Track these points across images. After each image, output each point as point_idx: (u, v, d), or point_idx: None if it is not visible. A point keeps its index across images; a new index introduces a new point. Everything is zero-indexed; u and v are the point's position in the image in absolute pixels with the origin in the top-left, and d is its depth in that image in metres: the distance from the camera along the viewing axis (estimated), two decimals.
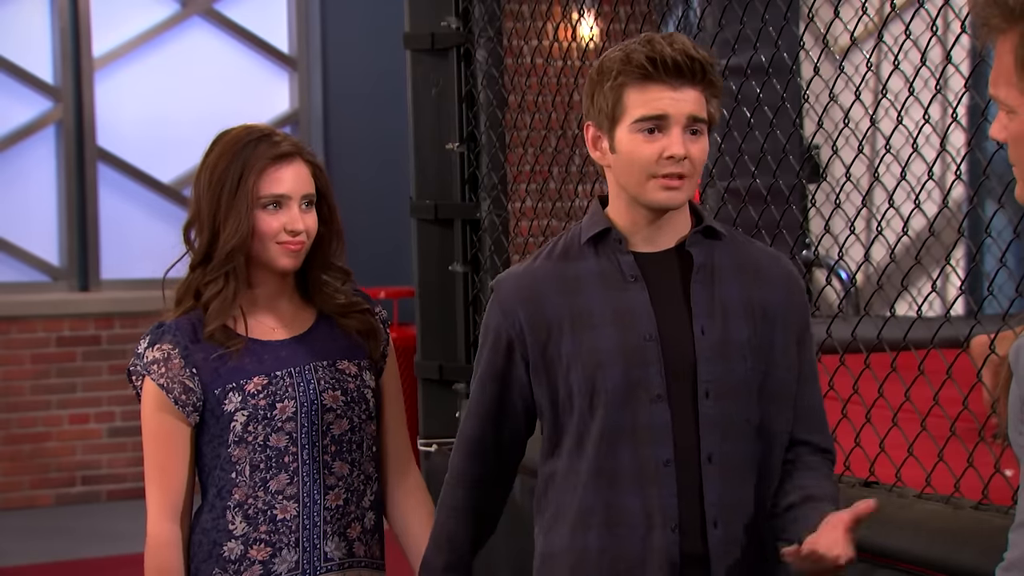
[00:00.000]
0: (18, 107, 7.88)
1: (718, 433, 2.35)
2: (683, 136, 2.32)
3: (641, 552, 2.35)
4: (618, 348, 2.35)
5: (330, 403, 2.69)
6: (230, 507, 2.65)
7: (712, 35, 3.98)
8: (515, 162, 4.62)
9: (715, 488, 2.35)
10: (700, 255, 2.39)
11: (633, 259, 2.39)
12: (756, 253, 2.45)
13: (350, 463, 2.71)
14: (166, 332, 2.66)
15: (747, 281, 2.40)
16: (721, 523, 2.35)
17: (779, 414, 2.41)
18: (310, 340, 2.72)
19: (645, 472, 2.35)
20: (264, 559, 2.65)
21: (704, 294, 2.38)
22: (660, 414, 2.35)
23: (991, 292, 3.12)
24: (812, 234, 6.26)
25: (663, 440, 2.34)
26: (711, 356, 2.35)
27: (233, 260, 2.63)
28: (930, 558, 2.95)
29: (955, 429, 3.08)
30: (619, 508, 2.36)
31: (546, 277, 2.42)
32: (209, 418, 2.66)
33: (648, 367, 2.35)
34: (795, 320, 2.43)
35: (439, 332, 4.76)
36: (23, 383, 7.64)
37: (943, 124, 6.46)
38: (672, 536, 2.34)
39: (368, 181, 8.32)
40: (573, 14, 4.57)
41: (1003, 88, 1.75)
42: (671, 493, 2.34)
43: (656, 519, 2.35)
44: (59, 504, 7.69)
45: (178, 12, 8.18)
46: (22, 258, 7.88)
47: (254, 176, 2.61)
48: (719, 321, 2.36)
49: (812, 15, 4.16)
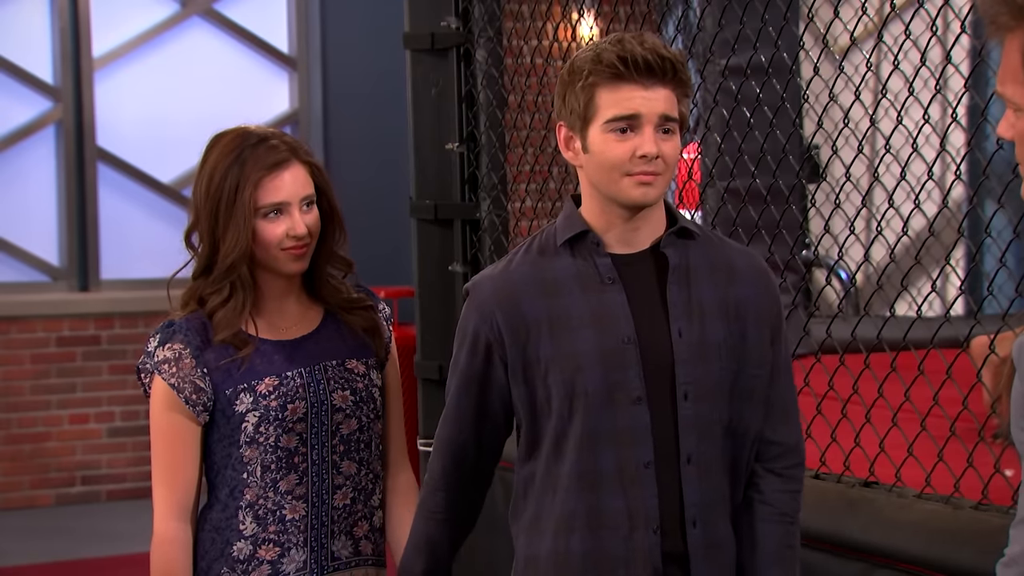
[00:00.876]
0: (18, 107, 7.87)
1: (696, 434, 2.36)
2: (655, 135, 2.32)
3: (624, 553, 2.36)
4: (597, 351, 2.35)
5: (340, 403, 2.69)
6: (241, 507, 2.66)
7: (712, 35, 3.98)
8: (515, 162, 4.62)
9: (694, 488, 2.36)
10: (675, 256, 2.39)
11: (610, 261, 2.39)
12: (728, 251, 2.45)
13: (358, 462, 2.72)
14: (177, 331, 2.66)
15: (721, 280, 2.40)
16: (700, 522, 2.37)
17: (750, 413, 2.41)
18: (318, 339, 2.72)
19: (627, 474, 2.35)
20: (273, 559, 2.66)
21: (681, 295, 2.38)
22: (640, 416, 2.35)
23: (991, 292, 3.12)
24: (812, 234, 6.26)
25: (644, 442, 2.35)
26: (689, 358, 2.36)
27: (235, 271, 2.62)
28: (930, 558, 2.96)
29: (955, 429, 3.08)
30: (602, 510, 2.37)
31: (523, 279, 2.41)
32: (219, 418, 2.66)
33: (627, 370, 2.35)
34: (767, 316, 2.43)
35: (439, 332, 4.76)
36: (23, 383, 7.64)
37: (943, 124, 6.46)
38: (654, 537, 2.35)
39: (368, 181, 8.32)
40: (573, 14, 4.57)
41: (1010, 86, 1.75)
42: (652, 494, 2.35)
43: (639, 520, 2.36)
44: (59, 504, 7.69)
45: (178, 12, 8.17)
46: (22, 258, 7.88)
47: (250, 188, 2.60)
48: (696, 322, 2.37)
49: (812, 15, 4.15)
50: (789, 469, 2.46)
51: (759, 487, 2.44)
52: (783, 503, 2.45)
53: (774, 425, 2.45)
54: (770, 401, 2.44)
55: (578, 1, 4.50)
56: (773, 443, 2.45)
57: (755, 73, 3.75)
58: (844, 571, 3.12)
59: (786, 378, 2.48)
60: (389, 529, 2.81)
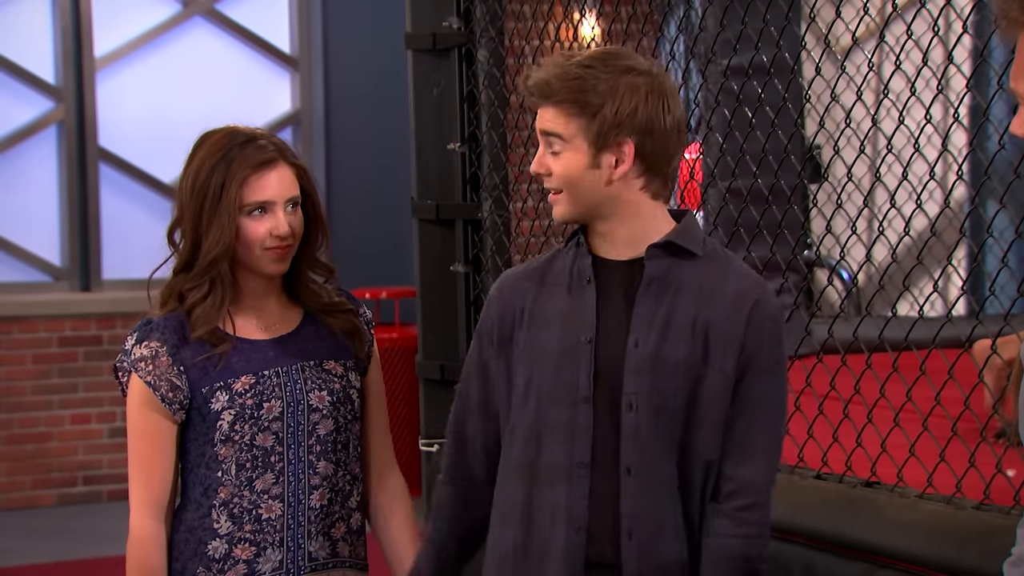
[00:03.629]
0: (19, 107, 7.88)
1: (636, 445, 2.34)
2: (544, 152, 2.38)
3: (546, 548, 2.37)
4: (558, 348, 2.38)
5: (316, 403, 2.69)
6: (215, 506, 2.65)
7: (714, 35, 3.98)
8: (516, 162, 4.62)
9: (631, 499, 2.34)
10: (654, 268, 2.37)
11: (591, 262, 2.40)
12: (724, 274, 2.39)
13: (335, 463, 2.71)
14: (154, 329, 2.66)
15: (702, 300, 2.36)
16: (636, 535, 2.34)
17: (706, 440, 2.35)
18: (297, 340, 2.72)
19: (561, 471, 2.36)
20: (248, 558, 2.65)
21: (648, 308, 2.36)
22: (583, 416, 2.36)
23: (992, 292, 3.12)
24: (814, 234, 6.25)
25: (582, 441, 2.36)
26: (640, 370, 2.34)
27: (216, 267, 2.63)
28: (932, 558, 2.95)
29: (957, 429, 3.08)
30: (533, 504, 2.39)
31: (528, 275, 2.47)
32: (195, 416, 2.66)
33: (579, 369, 2.36)
34: (736, 343, 2.34)
35: (440, 332, 4.76)
36: (25, 383, 7.64)
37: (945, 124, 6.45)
38: (576, 536, 2.35)
39: (369, 181, 8.32)
40: (574, 14, 4.57)
41: (1023, 82, 1.74)
42: (582, 495, 2.35)
43: (560, 517, 2.36)
44: (60, 504, 7.69)
45: (179, 12, 8.18)
46: (23, 258, 7.88)
47: (236, 185, 2.61)
48: (655, 337, 2.35)
49: (814, 15, 4.15)
50: (741, 511, 2.35)
51: (708, 526, 2.36)
52: (730, 547, 2.34)
53: (733, 461, 2.35)
54: (731, 434, 2.36)
55: (580, 1, 4.49)
56: (727, 479, 2.35)
57: (757, 73, 3.75)
58: (846, 571, 3.12)
59: (761, 415, 2.36)
60: (381, 533, 2.81)
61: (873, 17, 3.52)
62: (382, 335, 6.90)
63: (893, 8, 3.42)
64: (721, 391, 2.35)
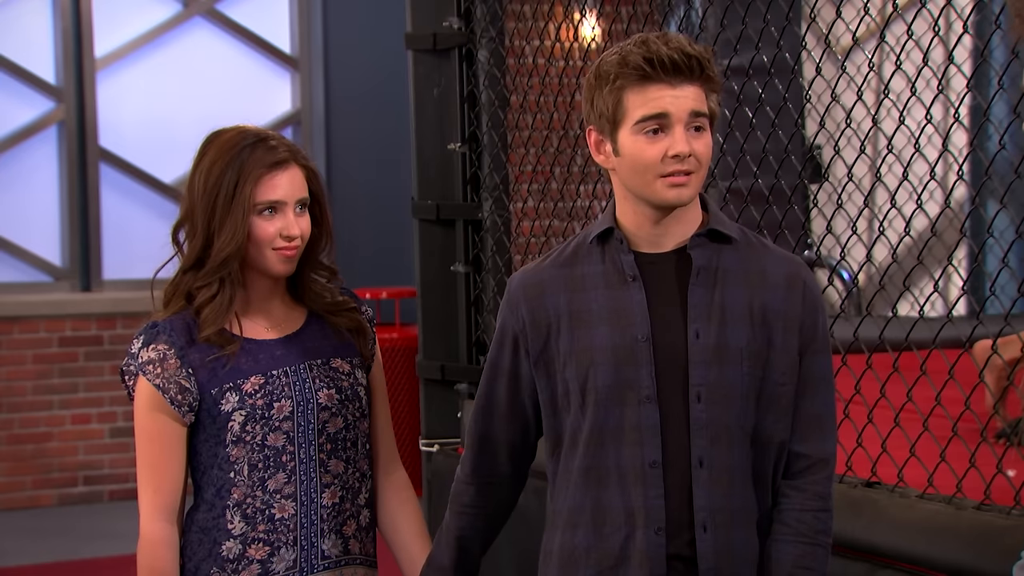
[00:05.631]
0: (20, 107, 7.88)
1: (708, 437, 2.34)
2: (686, 133, 2.31)
3: (624, 552, 2.36)
4: (610, 347, 2.36)
5: (325, 401, 2.69)
6: (229, 506, 2.66)
7: (714, 35, 3.98)
8: (517, 162, 4.62)
9: (705, 492, 2.34)
10: (701, 258, 2.38)
11: (633, 259, 2.38)
12: (766, 257, 2.42)
13: (345, 460, 2.72)
14: (161, 332, 2.66)
15: (752, 285, 2.38)
16: (711, 528, 2.34)
17: (776, 421, 2.38)
18: (303, 339, 2.73)
19: (631, 472, 2.35)
20: (262, 558, 2.66)
21: (703, 297, 2.36)
22: (649, 415, 2.35)
23: (993, 292, 3.12)
24: (814, 234, 6.25)
25: (651, 441, 2.34)
26: (704, 360, 2.34)
27: (228, 266, 2.63)
28: (932, 558, 2.95)
29: (957, 429, 3.08)
30: (604, 507, 2.37)
31: (552, 275, 2.44)
32: (205, 418, 2.66)
33: (639, 368, 2.35)
34: (796, 325, 2.38)
35: (441, 332, 4.76)
36: (25, 383, 7.64)
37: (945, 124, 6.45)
38: (656, 538, 2.34)
39: (370, 181, 8.32)
40: (575, 14, 4.57)
41: None
42: (658, 495, 2.34)
43: (639, 520, 2.35)
44: (61, 504, 7.69)
45: (180, 12, 8.18)
46: (24, 258, 7.89)
47: (251, 183, 2.61)
48: (716, 325, 2.35)
49: (814, 15, 4.15)
50: (813, 484, 2.39)
51: (779, 504, 2.39)
52: (802, 522, 2.38)
53: (802, 437, 2.40)
54: (799, 412, 2.39)
55: (580, 1, 4.50)
56: (800, 456, 2.40)
57: (757, 73, 3.75)
58: (847, 571, 3.12)
59: (823, 390, 2.41)
60: (390, 527, 2.82)
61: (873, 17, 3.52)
62: (382, 335, 6.90)
63: (893, 8, 3.41)
64: (789, 372, 2.37)
